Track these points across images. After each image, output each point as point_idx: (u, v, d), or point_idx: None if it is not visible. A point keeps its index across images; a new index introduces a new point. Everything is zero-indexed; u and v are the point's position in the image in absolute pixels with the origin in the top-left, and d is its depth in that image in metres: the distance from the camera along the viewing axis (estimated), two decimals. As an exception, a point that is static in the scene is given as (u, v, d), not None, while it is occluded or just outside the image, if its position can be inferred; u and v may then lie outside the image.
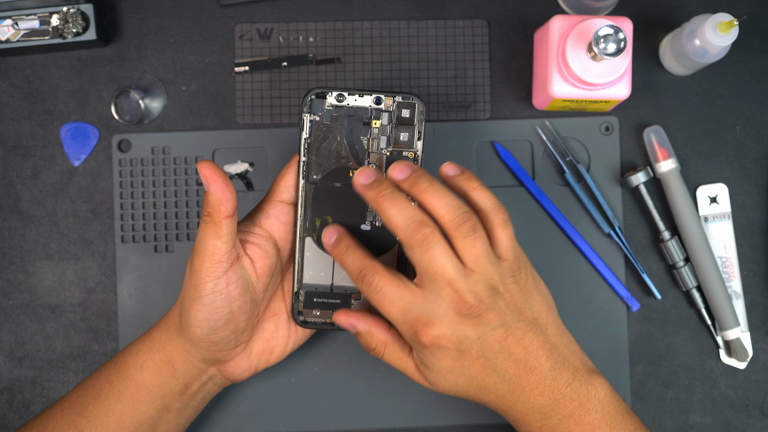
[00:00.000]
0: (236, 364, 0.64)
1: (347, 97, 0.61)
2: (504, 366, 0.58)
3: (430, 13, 0.75)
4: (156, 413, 0.63)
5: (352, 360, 0.73)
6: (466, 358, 0.58)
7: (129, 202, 0.73)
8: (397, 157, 0.62)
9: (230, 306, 0.60)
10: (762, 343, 0.74)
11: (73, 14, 0.71)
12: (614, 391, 0.60)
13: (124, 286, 0.73)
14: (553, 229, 0.73)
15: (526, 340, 0.58)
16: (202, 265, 0.59)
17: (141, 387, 0.63)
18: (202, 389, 0.65)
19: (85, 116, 0.74)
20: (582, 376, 0.59)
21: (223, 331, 0.61)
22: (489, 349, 0.58)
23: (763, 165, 0.74)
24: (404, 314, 0.57)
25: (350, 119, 0.62)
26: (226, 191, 0.58)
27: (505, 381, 0.58)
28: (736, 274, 0.74)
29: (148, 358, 0.63)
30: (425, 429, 0.73)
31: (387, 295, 0.58)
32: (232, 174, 0.74)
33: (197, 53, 0.74)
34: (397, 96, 0.62)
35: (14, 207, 0.74)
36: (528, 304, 0.59)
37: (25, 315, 0.73)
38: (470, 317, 0.57)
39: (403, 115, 0.62)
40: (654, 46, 0.74)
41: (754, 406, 0.73)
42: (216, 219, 0.58)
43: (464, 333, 0.57)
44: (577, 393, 0.59)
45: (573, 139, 0.74)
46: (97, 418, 0.62)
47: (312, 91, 0.61)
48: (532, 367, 0.58)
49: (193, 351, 0.62)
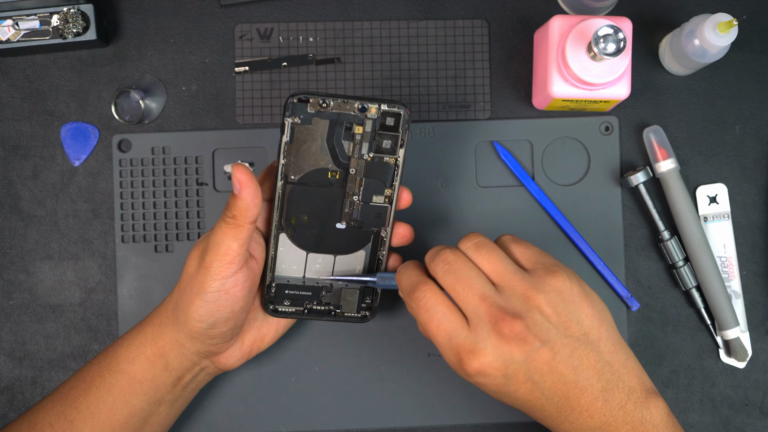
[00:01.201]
0: (229, 355, 0.65)
1: (331, 104, 0.61)
2: (552, 389, 0.55)
3: (430, 13, 0.75)
4: (148, 406, 0.63)
5: (352, 360, 0.73)
6: (512, 383, 0.55)
7: (129, 202, 0.74)
8: (378, 163, 0.62)
9: (233, 306, 0.60)
10: (761, 342, 0.74)
11: (74, 14, 0.72)
12: (672, 415, 0.57)
13: (124, 286, 0.73)
14: (553, 229, 0.74)
15: (575, 359, 0.55)
16: (212, 263, 0.59)
17: (133, 380, 0.63)
18: (194, 380, 0.65)
19: (85, 116, 0.74)
20: (637, 398, 0.56)
21: (222, 328, 0.61)
22: (536, 371, 0.55)
23: (762, 165, 0.74)
24: (450, 339, 0.56)
25: (332, 123, 0.62)
26: (256, 198, 0.58)
27: (554, 403, 0.56)
28: (735, 273, 0.74)
29: (140, 351, 0.63)
30: (425, 429, 0.73)
31: (436, 315, 0.56)
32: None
33: (197, 53, 0.74)
34: (383, 104, 0.61)
35: (14, 207, 0.74)
36: (575, 318, 0.56)
37: (26, 315, 0.73)
38: (512, 338, 0.54)
39: (388, 123, 0.62)
40: (654, 46, 0.74)
41: (753, 406, 0.73)
42: (240, 223, 0.58)
43: (510, 356, 0.55)
44: (631, 416, 0.56)
45: (573, 139, 0.74)
46: (87, 409, 0.62)
47: (295, 95, 0.61)
48: (583, 389, 0.55)
49: (187, 344, 0.62)
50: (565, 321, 0.56)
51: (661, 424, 0.56)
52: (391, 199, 0.63)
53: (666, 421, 0.56)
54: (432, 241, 0.73)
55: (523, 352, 0.54)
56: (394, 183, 0.63)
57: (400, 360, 0.73)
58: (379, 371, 0.73)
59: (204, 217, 0.73)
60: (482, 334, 0.55)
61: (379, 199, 0.63)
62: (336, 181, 0.63)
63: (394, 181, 0.63)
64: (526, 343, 0.54)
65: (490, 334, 0.55)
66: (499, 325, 0.54)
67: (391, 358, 0.73)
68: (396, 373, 0.73)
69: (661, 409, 0.56)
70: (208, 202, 0.73)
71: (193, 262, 0.61)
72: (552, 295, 0.56)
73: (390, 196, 0.63)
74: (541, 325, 0.55)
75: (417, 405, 0.73)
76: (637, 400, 0.56)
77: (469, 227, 0.73)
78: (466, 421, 0.73)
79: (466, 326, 0.56)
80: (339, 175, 0.63)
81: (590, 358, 0.56)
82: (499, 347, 0.55)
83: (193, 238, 0.73)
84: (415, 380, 0.73)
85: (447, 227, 0.73)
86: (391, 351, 0.73)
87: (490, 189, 0.74)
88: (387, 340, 0.73)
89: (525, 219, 0.73)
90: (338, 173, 0.63)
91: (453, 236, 0.73)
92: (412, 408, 0.73)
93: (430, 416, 0.73)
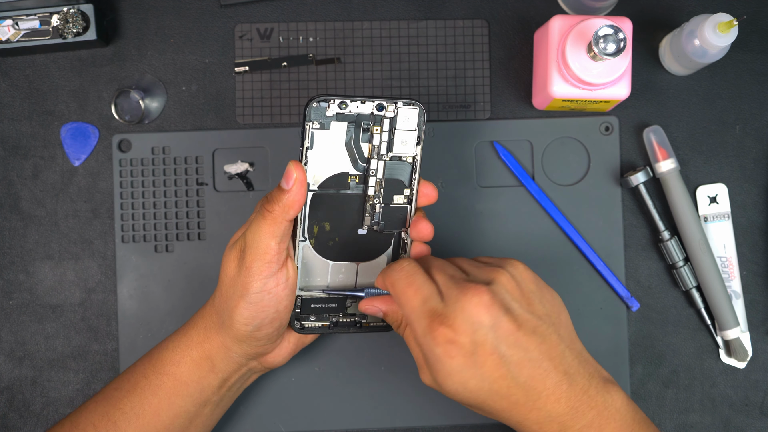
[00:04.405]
0: (276, 354, 0.64)
1: (350, 104, 0.60)
2: (518, 367, 0.55)
3: (430, 13, 0.75)
4: (193, 407, 0.63)
5: (352, 360, 0.73)
6: (480, 353, 0.55)
7: (129, 202, 0.74)
8: (397, 162, 0.62)
9: (277, 306, 0.60)
10: (761, 342, 0.74)
11: (74, 14, 0.72)
12: (631, 401, 0.58)
13: (124, 286, 0.73)
14: (552, 229, 0.74)
15: (539, 336, 0.56)
16: (253, 263, 0.59)
17: (178, 382, 0.62)
18: (240, 380, 0.65)
19: (85, 116, 0.74)
20: (598, 384, 0.57)
21: (268, 329, 0.61)
22: (502, 341, 0.55)
23: (762, 165, 0.74)
24: (424, 303, 0.57)
25: (350, 125, 0.61)
26: (303, 198, 0.59)
27: (520, 384, 0.55)
28: (735, 274, 0.74)
29: (186, 354, 0.63)
30: (425, 429, 0.73)
31: (416, 280, 0.58)
32: (232, 174, 0.74)
33: (197, 53, 0.74)
34: (399, 102, 0.61)
35: (15, 207, 0.74)
36: (537, 298, 0.58)
37: (26, 315, 0.73)
38: (479, 303, 0.55)
39: (405, 121, 0.62)
40: (654, 46, 0.74)
41: (753, 406, 0.73)
42: (278, 218, 0.58)
43: (477, 319, 0.55)
44: (594, 401, 0.56)
45: (573, 139, 0.74)
46: (132, 410, 0.62)
47: (314, 99, 0.60)
48: (547, 370, 0.56)
49: (234, 348, 0.62)
50: (528, 299, 0.57)
51: (623, 407, 0.57)
52: (410, 198, 0.63)
53: (627, 404, 0.57)
54: (432, 241, 0.73)
55: (490, 316, 0.55)
56: (413, 182, 0.63)
57: (400, 360, 0.73)
58: (379, 371, 0.73)
59: (204, 217, 0.73)
60: (452, 302, 0.56)
61: (399, 199, 0.63)
62: (356, 184, 0.62)
63: (413, 180, 0.63)
64: (492, 307, 0.55)
65: (459, 299, 0.56)
66: (466, 290, 0.56)
67: (391, 358, 0.73)
68: (396, 373, 0.73)
69: (620, 394, 0.57)
70: (208, 202, 0.73)
71: (231, 264, 0.60)
72: (515, 273, 0.58)
73: (409, 195, 0.63)
74: (505, 296, 0.56)
75: (417, 405, 0.73)
76: (598, 386, 0.57)
77: (469, 227, 0.73)
78: (467, 421, 0.73)
79: (440, 296, 0.57)
80: (359, 178, 0.62)
81: (552, 339, 0.57)
82: (467, 310, 0.55)
83: (193, 238, 0.73)
84: (415, 380, 0.72)
85: (447, 227, 0.73)
86: (391, 351, 0.73)
87: (490, 189, 0.74)
88: (387, 340, 0.73)
89: (525, 219, 0.73)
90: (358, 176, 0.62)
91: (453, 236, 0.73)
92: (412, 408, 0.73)
93: (430, 416, 0.73)
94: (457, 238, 0.73)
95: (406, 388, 0.73)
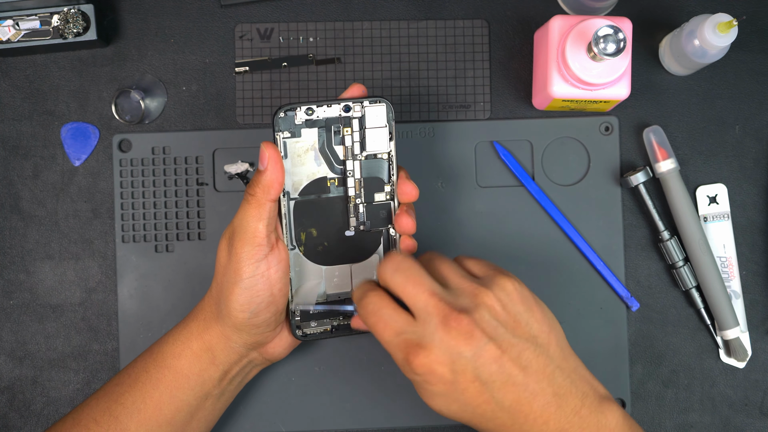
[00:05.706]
0: (276, 344, 0.64)
1: (316, 110, 0.62)
2: (502, 391, 0.54)
3: (430, 13, 0.75)
4: (195, 401, 0.63)
5: (352, 360, 0.73)
6: (460, 381, 0.54)
7: (129, 202, 0.74)
8: (373, 160, 0.63)
9: (271, 289, 0.60)
10: (761, 342, 0.74)
11: (74, 14, 0.72)
12: (628, 419, 0.56)
13: (124, 286, 0.73)
14: (553, 229, 0.74)
15: (524, 360, 0.54)
16: (242, 248, 0.59)
17: (179, 375, 0.62)
18: (241, 373, 0.65)
19: (85, 116, 0.74)
20: (591, 403, 0.55)
21: (265, 314, 0.61)
22: (484, 369, 0.54)
23: (762, 165, 0.74)
24: (396, 335, 0.56)
25: (321, 130, 0.62)
26: (281, 176, 0.59)
27: (504, 408, 0.54)
28: (735, 273, 0.74)
29: (186, 347, 0.63)
30: (425, 429, 0.73)
31: (383, 317, 0.57)
32: (232, 174, 0.74)
33: (197, 53, 0.74)
34: (365, 101, 0.62)
35: (15, 207, 0.74)
36: (524, 319, 0.56)
37: (26, 315, 0.73)
38: (460, 332, 0.53)
39: (373, 118, 0.62)
40: (653, 46, 0.75)
41: (753, 406, 0.74)
42: (261, 200, 0.59)
43: (457, 350, 0.54)
44: (586, 421, 0.55)
45: (573, 139, 0.74)
46: (133, 404, 0.62)
47: (281, 108, 0.61)
48: (534, 393, 0.54)
49: (234, 337, 0.62)
50: (514, 321, 0.55)
51: (618, 427, 0.55)
52: (392, 194, 0.64)
53: (623, 423, 0.56)
54: (432, 241, 0.73)
55: (471, 347, 0.53)
56: (391, 177, 0.63)
57: (400, 360, 0.73)
58: (379, 371, 0.73)
59: (204, 217, 0.73)
60: (429, 328, 0.54)
61: (381, 196, 0.64)
62: (336, 187, 0.63)
63: (391, 176, 0.63)
64: (473, 338, 0.53)
65: (438, 329, 0.54)
66: (446, 320, 0.54)
67: (390, 358, 0.73)
68: (396, 373, 0.73)
69: (616, 413, 0.56)
70: (208, 202, 0.74)
71: (223, 252, 0.61)
72: (501, 294, 0.56)
73: (390, 191, 0.64)
74: (489, 322, 0.54)
75: (417, 405, 0.73)
76: (591, 405, 0.55)
77: (469, 227, 0.73)
78: (466, 420, 0.73)
79: (414, 323, 0.55)
80: (338, 181, 0.63)
81: (540, 361, 0.55)
82: (445, 341, 0.54)
83: (194, 238, 0.73)
84: (415, 380, 0.73)
85: (447, 227, 0.73)
86: (391, 351, 0.73)
87: (490, 189, 0.74)
88: (387, 340, 0.73)
89: (525, 219, 0.73)
90: (336, 179, 0.63)
91: (452, 236, 0.73)
92: (412, 408, 0.73)
93: (430, 416, 0.73)
94: (457, 238, 0.73)
95: (406, 388, 0.73)
